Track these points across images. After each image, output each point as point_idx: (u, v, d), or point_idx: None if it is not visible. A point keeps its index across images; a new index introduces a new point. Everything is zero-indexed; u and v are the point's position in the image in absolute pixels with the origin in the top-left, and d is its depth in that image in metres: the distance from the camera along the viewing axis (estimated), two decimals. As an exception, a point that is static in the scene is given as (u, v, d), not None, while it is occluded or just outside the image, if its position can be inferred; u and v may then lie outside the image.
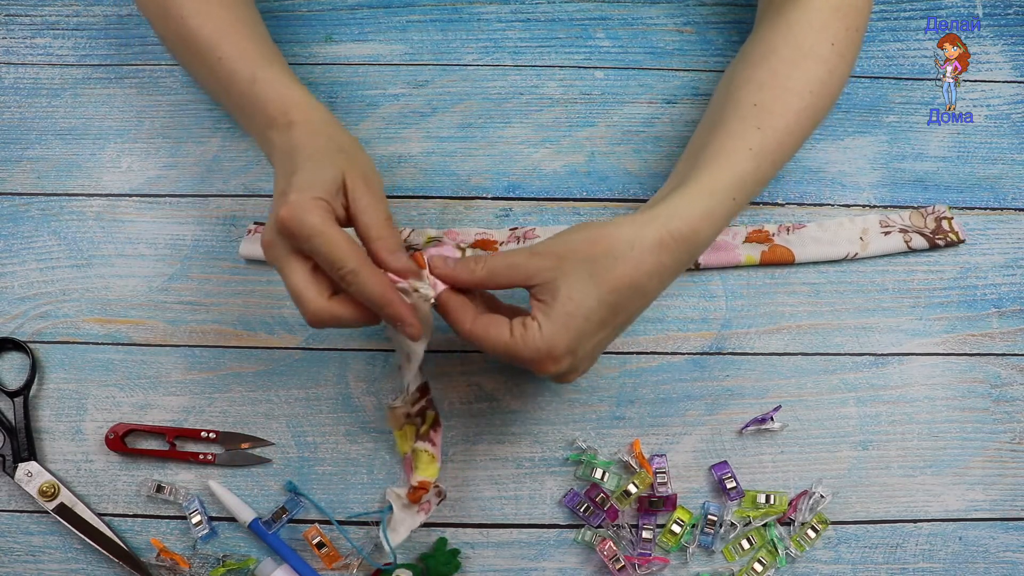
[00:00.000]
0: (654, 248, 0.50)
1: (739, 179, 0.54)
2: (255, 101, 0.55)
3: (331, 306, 0.49)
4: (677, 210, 0.52)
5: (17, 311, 0.64)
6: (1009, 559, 0.60)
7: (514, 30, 0.71)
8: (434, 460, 0.57)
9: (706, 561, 0.60)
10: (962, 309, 0.65)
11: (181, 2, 0.58)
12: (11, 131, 0.68)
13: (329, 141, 0.52)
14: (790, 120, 0.56)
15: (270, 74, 0.56)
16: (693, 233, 0.52)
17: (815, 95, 0.57)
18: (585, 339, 0.49)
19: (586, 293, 0.49)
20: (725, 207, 0.54)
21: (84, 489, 0.61)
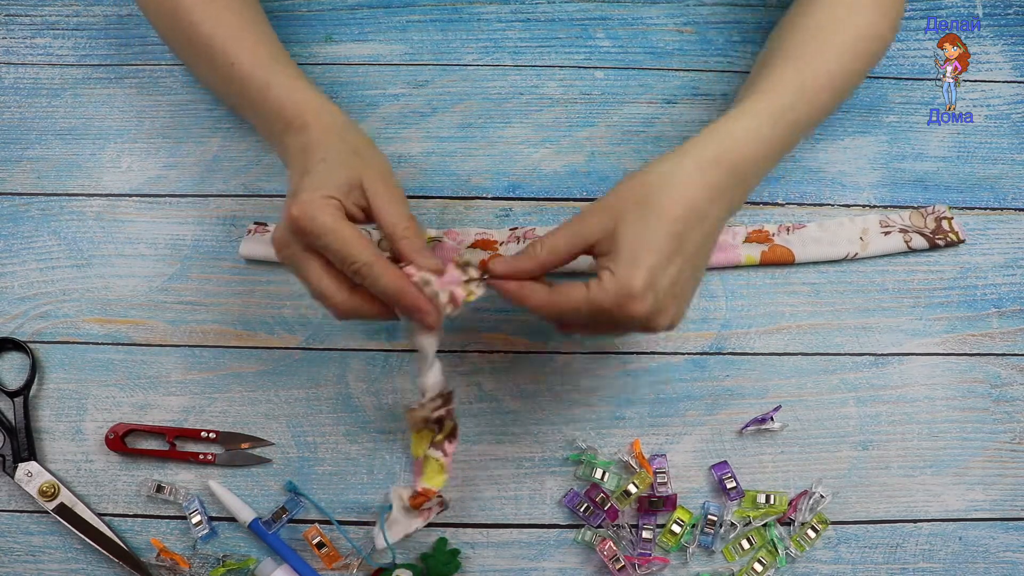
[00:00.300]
0: (697, 170, 0.50)
1: (779, 108, 0.54)
2: (270, 107, 0.55)
3: (353, 299, 0.50)
4: (715, 134, 0.52)
5: (17, 311, 0.64)
6: (1009, 559, 0.60)
7: (514, 30, 0.71)
8: (443, 470, 0.56)
9: (706, 561, 0.60)
10: (962, 309, 0.65)
11: (191, 8, 0.58)
12: (11, 131, 0.68)
13: (342, 143, 0.53)
14: (830, 65, 0.57)
15: (284, 79, 0.56)
16: (734, 151, 0.52)
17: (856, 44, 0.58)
18: (659, 272, 0.48)
19: (645, 228, 0.48)
20: (766, 129, 0.53)
21: (84, 489, 0.61)
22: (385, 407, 0.62)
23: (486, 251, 0.64)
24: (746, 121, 0.53)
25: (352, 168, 0.51)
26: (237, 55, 0.57)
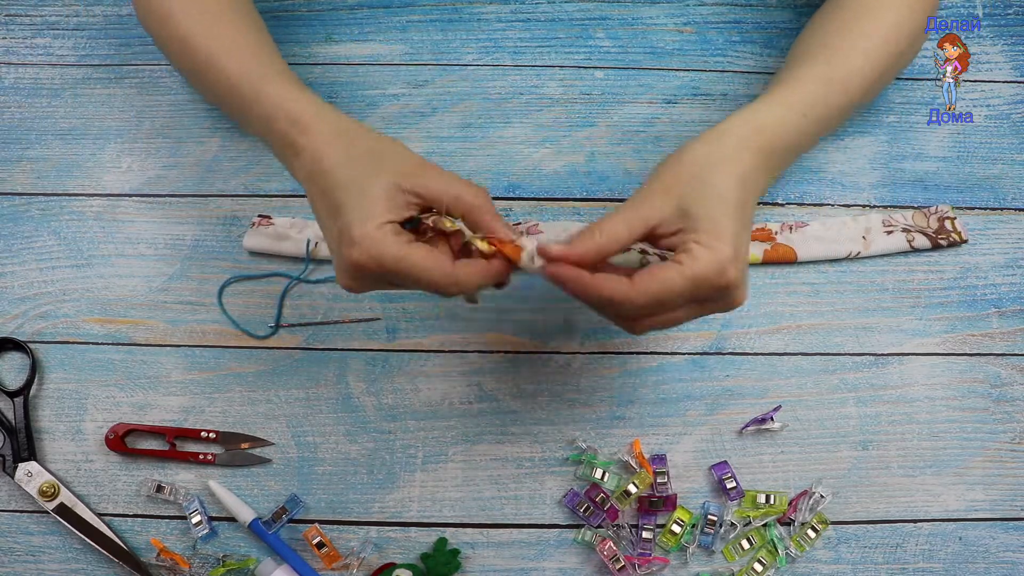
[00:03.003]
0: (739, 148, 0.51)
1: (811, 97, 0.55)
2: (262, 118, 0.53)
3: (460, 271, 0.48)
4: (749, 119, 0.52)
5: (17, 311, 0.64)
6: (1009, 559, 0.60)
7: (514, 30, 0.71)
8: None
9: (706, 561, 0.60)
10: (962, 309, 0.65)
11: (182, 18, 0.57)
12: (11, 131, 0.68)
13: (353, 150, 0.50)
14: (861, 60, 0.57)
15: (274, 88, 0.53)
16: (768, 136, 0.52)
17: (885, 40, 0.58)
18: (738, 239, 0.48)
19: (716, 199, 0.48)
20: (794, 119, 0.54)
21: (84, 489, 0.61)
22: (385, 407, 0.62)
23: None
24: (779, 110, 0.54)
25: (380, 174, 0.49)
26: (226, 67, 0.55)
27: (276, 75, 0.55)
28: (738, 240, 0.48)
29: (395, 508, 0.60)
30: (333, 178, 0.49)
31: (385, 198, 0.48)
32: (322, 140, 0.51)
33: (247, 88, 0.54)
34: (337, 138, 0.51)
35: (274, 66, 0.56)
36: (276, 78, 0.54)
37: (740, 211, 0.49)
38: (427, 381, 0.63)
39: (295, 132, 0.51)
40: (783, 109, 0.54)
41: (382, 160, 0.50)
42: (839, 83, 0.56)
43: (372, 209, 0.47)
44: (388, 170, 0.49)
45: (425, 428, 0.62)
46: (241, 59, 0.56)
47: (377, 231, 0.47)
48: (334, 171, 0.49)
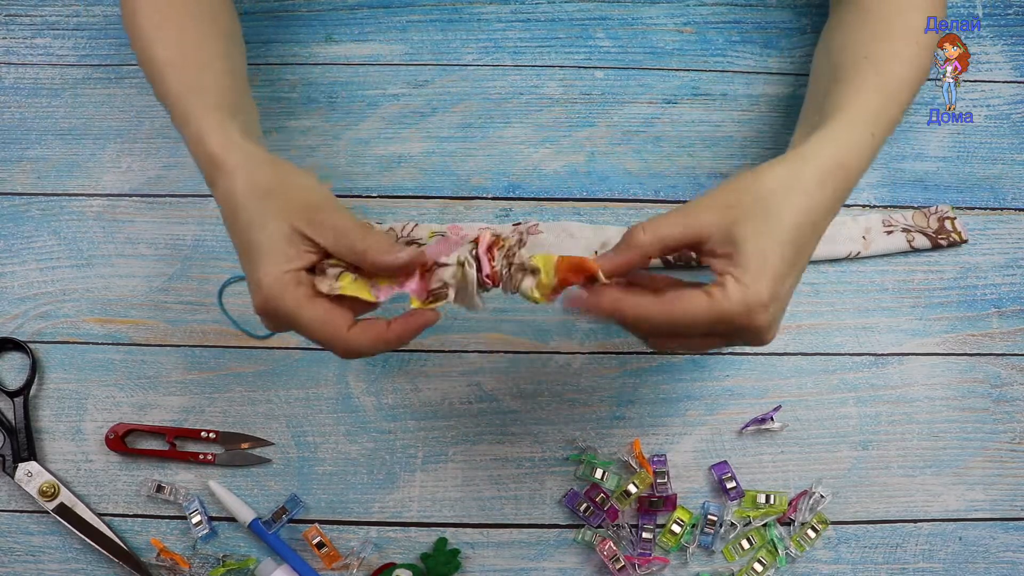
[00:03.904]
0: (818, 179, 0.48)
1: (873, 114, 0.53)
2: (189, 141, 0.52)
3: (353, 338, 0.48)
4: (824, 147, 0.50)
5: (17, 311, 0.64)
6: (1009, 559, 0.60)
7: (514, 30, 0.71)
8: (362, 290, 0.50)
9: (706, 561, 0.60)
10: (962, 309, 0.65)
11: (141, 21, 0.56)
12: (11, 131, 0.68)
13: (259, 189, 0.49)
14: (904, 67, 0.56)
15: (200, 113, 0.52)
16: (845, 167, 0.50)
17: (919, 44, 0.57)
18: (781, 284, 0.46)
19: (769, 235, 0.46)
20: (866, 140, 0.52)
21: (84, 489, 0.61)
22: (385, 407, 0.62)
23: None
24: (854, 132, 0.51)
25: (279, 215, 0.48)
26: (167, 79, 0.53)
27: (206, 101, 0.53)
28: (781, 285, 0.46)
29: (395, 508, 0.60)
30: (240, 218, 0.49)
31: (285, 243, 0.47)
32: (230, 179, 0.50)
33: (180, 107, 0.53)
34: (242, 176, 0.49)
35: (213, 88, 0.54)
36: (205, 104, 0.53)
37: (796, 252, 0.47)
38: (427, 381, 0.63)
39: (211, 169, 0.51)
40: (860, 131, 0.51)
41: (284, 199, 0.49)
42: (893, 94, 0.54)
43: (272, 256, 0.47)
44: (287, 212, 0.48)
45: (425, 428, 0.62)
46: (184, 74, 0.54)
47: (276, 281, 0.47)
48: (240, 210, 0.49)
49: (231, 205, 0.49)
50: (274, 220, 0.48)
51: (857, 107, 0.53)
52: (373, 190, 0.67)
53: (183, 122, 0.52)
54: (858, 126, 0.52)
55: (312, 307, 0.47)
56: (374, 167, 0.67)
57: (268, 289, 0.47)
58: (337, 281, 0.48)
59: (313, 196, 0.49)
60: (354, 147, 0.68)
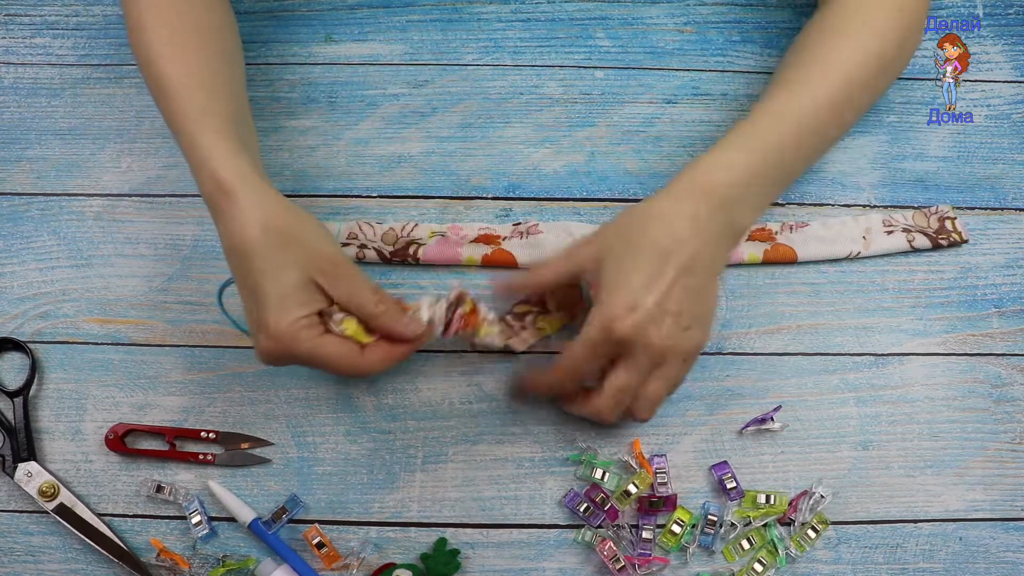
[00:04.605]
0: (673, 201, 0.52)
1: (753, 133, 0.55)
2: (193, 166, 0.53)
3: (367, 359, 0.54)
4: (692, 166, 0.54)
5: (17, 311, 0.64)
6: (1009, 559, 0.60)
7: (514, 30, 0.71)
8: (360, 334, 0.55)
9: (706, 561, 0.60)
10: (962, 309, 0.65)
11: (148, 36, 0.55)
12: (11, 131, 0.68)
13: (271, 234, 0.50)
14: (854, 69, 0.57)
15: (207, 140, 0.52)
16: (708, 180, 0.53)
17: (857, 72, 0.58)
18: (641, 292, 0.50)
19: (625, 257, 0.51)
20: (741, 155, 0.54)
21: (84, 489, 0.61)
22: (385, 407, 0.62)
23: (489, 245, 0.64)
24: (721, 151, 0.55)
25: (295, 266, 0.50)
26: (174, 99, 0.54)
27: (217, 125, 0.53)
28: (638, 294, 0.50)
29: (395, 508, 0.60)
30: (251, 262, 0.50)
31: (299, 291, 0.50)
32: (243, 216, 0.50)
33: (185, 130, 0.53)
34: (258, 216, 0.50)
35: (220, 113, 0.54)
36: (215, 128, 0.53)
37: (654, 263, 0.51)
38: (427, 381, 0.63)
39: (219, 196, 0.51)
40: (728, 150, 0.55)
41: (298, 248, 0.51)
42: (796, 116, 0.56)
43: (285, 303, 0.50)
44: (303, 261, 0.51)
45: (425, 428, 0.62)
46: (189, 96, 0.54)
47: (290, 327, 0.50)
48: (252, 254, 0.50)
49: (242, 247, 0.50)
50: (291, 270, 0.50)
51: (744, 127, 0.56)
52: (373, 190, 0.67)
53: (189, 147, 0.53)
54: (732, 145, 0.55)
55: (327, 344, 0.51)
56: (374, 167, 0.67)
57: (283, 335, 0.50)
58: (341, 324, 0.53)
59: (327, 249, 0.52)
60: (354, 147, 0.68)
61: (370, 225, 0.65)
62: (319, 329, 0.52)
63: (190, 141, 0.53)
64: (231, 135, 0.53)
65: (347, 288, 0.52)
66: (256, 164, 0.55)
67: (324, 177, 0.67)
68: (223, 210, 0.51)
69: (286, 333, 0.50)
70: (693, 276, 0.52)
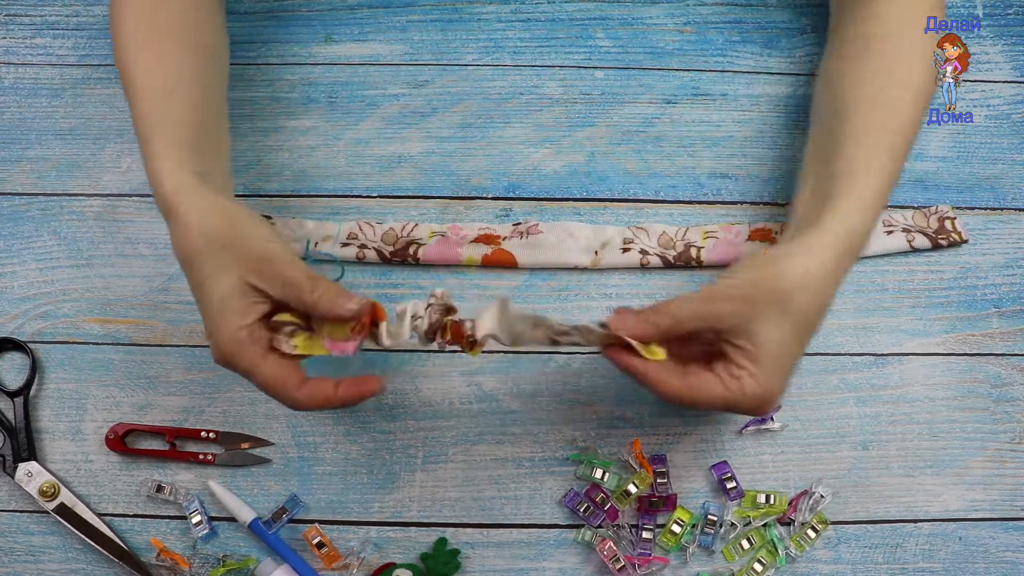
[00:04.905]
0: (835, 269, 0.51)
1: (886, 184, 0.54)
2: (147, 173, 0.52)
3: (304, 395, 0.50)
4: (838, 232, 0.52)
5: (17, 311, 0.64)
6: (1009, 559, 0.60)
7: (514, 30, 0.71)
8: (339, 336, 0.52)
9: (706, 561, 0.60)
10: (962, 309, 0.65)
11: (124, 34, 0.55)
12: (11, 131, 0.68)
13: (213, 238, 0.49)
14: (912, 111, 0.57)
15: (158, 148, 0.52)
16: (859, 248, 0.53)
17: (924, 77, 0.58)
18: (791, 374, 0.51)
19: (785, 332, 0.49)
20: (878, 211, 0.54)
21: (84, 489, 0.61)
22: (385, 407, 0.62)
23: (489, 245, 0.64)
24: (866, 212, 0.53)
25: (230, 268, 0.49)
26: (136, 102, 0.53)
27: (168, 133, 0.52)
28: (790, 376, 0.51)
29: (395, 508, 0.60)
30: (192, 271, 0.50)
31: (237, 297, 0.49)
32: (184, 226, 0.50)
33: (142, 135, 0.53)
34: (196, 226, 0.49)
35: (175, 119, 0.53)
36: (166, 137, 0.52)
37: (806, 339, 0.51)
38: (427, 381, 0.63)
39: (164, 209, 0.51)
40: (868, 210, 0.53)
41: (232, 251, 0.49)
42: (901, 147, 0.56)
43: (226, 312, 0.48)
44: (236, 264, 0.49)
45: (425, 428, 0.62)
46: (151, 100, 0.53)
47: (231, 339, 0.48)
48: (192, 263, 0.49)
49: (184, 255, 0.50)
50: (226, 274, 0.49)
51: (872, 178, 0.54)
52: (373, 190, 0.67)
53: (145, 153, 0.52)
54: (870, 203, 0.53)
55: (265, 365, 0.49)
56: (374, 167, 0.67)
57: (225, 345, 0.48)
58: (292, 339, 0.50)
59: (262, 247, 0.50)
60: (354, 147, 0.68)
61: (370, 225, 0.65)
62: (262, 346, 0.49)
63: (144, 148, 0.52)
64: (182, 143, 0.52)
65: (279, 281, 0.49)
66: (209, 171, 0.53)
67: (324, 177, 0.67)
68: (169, 222, 0.51)
69: (226, 344, 0.48)
70: None
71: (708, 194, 0.67)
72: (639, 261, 0.64)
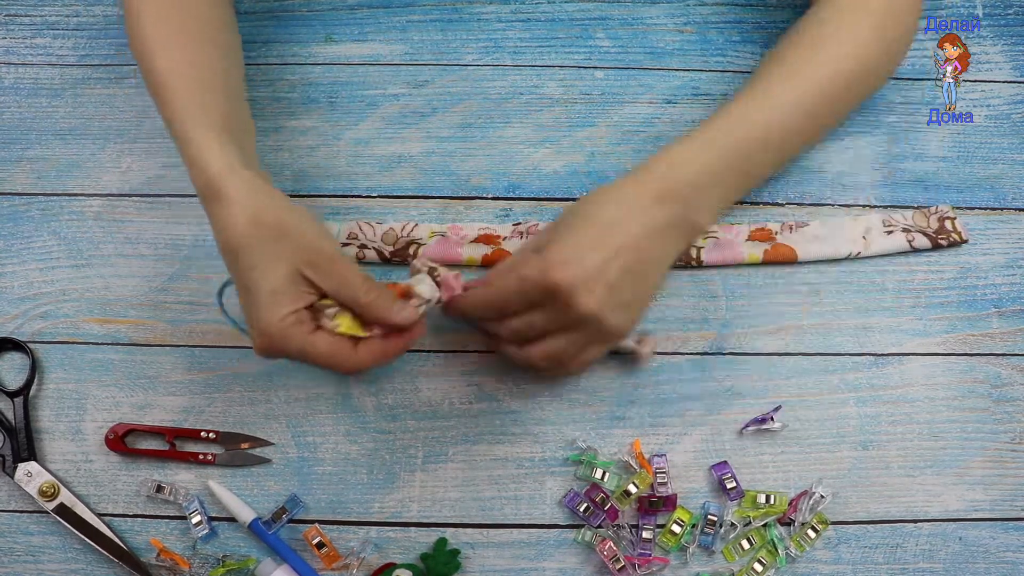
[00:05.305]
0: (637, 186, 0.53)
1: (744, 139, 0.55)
2: (186, 161, 0.52)
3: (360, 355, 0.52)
4: (664, 155, 0.55)
5: (17, 311, 0.64)
6: (1009, 559, 0.60)
7: (514, 30, 0.71)
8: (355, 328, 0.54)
9: (706, 561, 0.60)
10: (962, 309, 0.65)
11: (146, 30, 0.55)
12: (11, 131, 0.68)
13: (261, 227, 0.50)
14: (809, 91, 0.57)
15: (198, 135, 0.52)
16: (689, 186, 0.54)
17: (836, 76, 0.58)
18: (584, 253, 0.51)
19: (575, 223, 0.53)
20: (726, 164, 0.55)
21: (84, 489, 0.61)
22: (385, 407, 0.62)
23: (489, 245, 0.64)
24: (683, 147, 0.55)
25: (282, 259, 0.49)
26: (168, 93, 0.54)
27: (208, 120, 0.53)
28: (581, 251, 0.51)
29: (395, 508, 0.60)
30: (240, 258, 0.50)
31: (288, 286, 0.50)
32: (231, 212, 0.50)
33: (177, 124, 0.53)
34: (246, 212, 0.50)
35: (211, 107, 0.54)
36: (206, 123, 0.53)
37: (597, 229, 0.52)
38: (427, 381, 0.63)
39: (209, 192, 0.51)
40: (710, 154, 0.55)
41: (286, 241, 0.50)
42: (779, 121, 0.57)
43: (274, 299, 0.49)
44: (290, 254, 0.50)
45: (425, 428, 0.62)
46: (181, 90, 0.54)
47: (280, 323, 0.49)
48: (241, 250, 0.50)
49: (232, 242, 0.50)
50: (279, 263, 0.49)
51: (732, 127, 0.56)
52: (373, 190, 0.67)
53: (183, 141, 0.53)
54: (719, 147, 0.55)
55: (320, 342, 0.50)
56: (374, 167, 0.67)
57: (274, 333, 0.49)
58: (334, 320, 0.52)
59: (317, 241, 0.51)
60: (354, 147, 0.68)
61: (370, 225, 0.65)
62: (309, 326, 0.51)
63: (182, 136, 0.53)
64: (222, 129, 0.53)
65: (336, 280, 0.50)
66: (249, 158, 0.54)
67: (324, 177, 0.67)
68: (213, 206, 0.51)
69: (276, 330, 0.49)
70: (635, 259, 0.52)
71: (708, 194, 0.67)
72: None
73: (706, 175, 0.55)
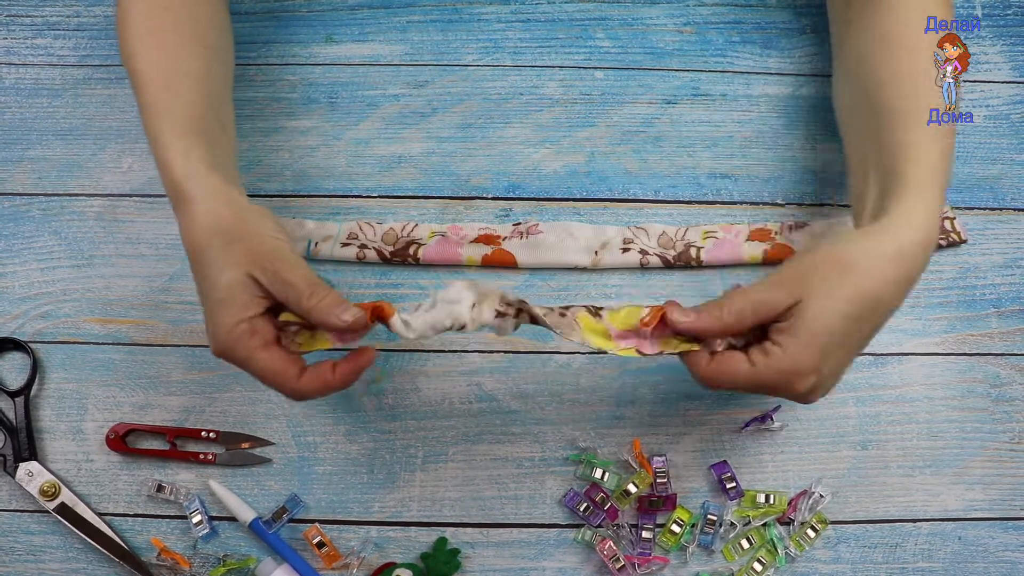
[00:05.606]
0: (894, 258, 0.49)
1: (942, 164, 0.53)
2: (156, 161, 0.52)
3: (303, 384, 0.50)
4: (910, 218, 0.50)
5: (18, 311, 0.64)
6: (1008, 559, 0.60)
7: (514, 30, 0.71)
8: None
9: (706, 561, 0.60)
10: (962, 309, 0.65)
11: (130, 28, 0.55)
12: (12, 131, 0.68)
13: (218, 231, 0.49)
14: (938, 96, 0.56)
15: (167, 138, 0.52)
16: (928, 238, 0.50)
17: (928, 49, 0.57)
18: (829, 356, 0.48)
19: (830, 309, 0.47)
20: (941, 198, 0.52)
21: (85, 489, 0.61)
22: (385, 407, 0.62)
23: (489, 245, 0.64)
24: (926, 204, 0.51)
25: (236, 265, 0.48)
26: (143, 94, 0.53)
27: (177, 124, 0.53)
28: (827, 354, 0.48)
29: (395, 508, 0.61)
30: (197, 264, 0.50)
31: (239, 291, 0.48)
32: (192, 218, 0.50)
33: (150, 126, 0.53)
34: (205, 218, 0.50)
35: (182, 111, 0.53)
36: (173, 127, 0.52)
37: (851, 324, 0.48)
38: (427, 381, 0.63)
39: (174, 196, 0.51)
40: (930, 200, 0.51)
41: (240, 246, 0.49)
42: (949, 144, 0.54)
43: (228, 305, 0.48)
44: (242, 259, 0.49)
45: (425, 428, 0.62)
46: (155, 92, 0.53)
47: (231, 332, 0.48)
48: (198, 256, 0.50)
49: (189, 246, 0.50)
50: (232, 268, 0.49)
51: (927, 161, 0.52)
52: (373, 190, 0.67)
53: (152, 143, 0.52)
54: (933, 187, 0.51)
55: (264, 357, 0.49)
56: (374, 167, 0.67)
57: (224, 338, 0.48)
58: (297, 337, 0.51)
59: (270, 244, 0.50)
60: (354, 147, 0.68)
61: (370, 225, 0.65)
62: (259, 338, 0.49)
63: (152, 137, 0.52)
64: (192, 132, 0.53)
65: (280, 283, 0.49)
66: (222, 160, 0.53)
67: (324, 177, 0.67)
68: (176, 210, 0.51)
69: (225, 337, 0.48)
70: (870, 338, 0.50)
71: (708, 194, 0.67)
72: (639, 261, 0.64)
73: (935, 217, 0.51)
